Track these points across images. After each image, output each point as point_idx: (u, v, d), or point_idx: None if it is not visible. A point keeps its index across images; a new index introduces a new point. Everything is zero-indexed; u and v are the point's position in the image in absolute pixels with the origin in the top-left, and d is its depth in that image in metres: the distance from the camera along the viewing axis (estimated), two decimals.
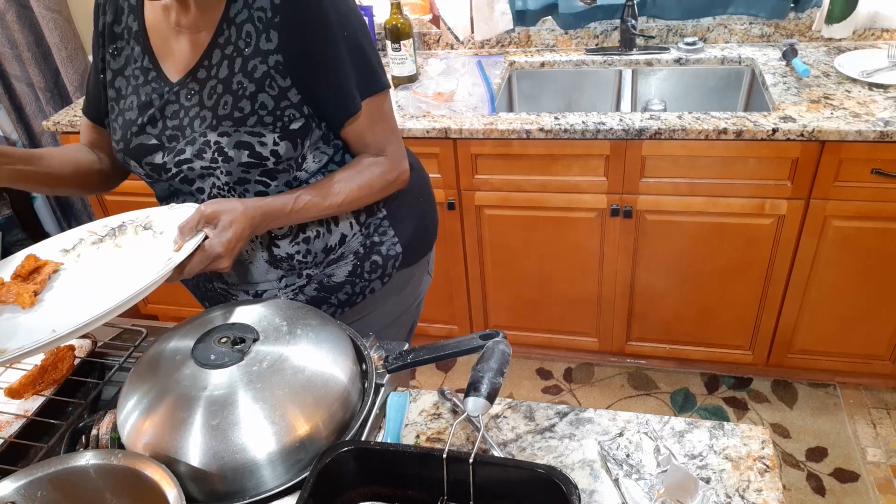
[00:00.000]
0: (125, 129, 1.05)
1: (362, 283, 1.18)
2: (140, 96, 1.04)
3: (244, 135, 0.98)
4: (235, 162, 0.99)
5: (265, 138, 0.99)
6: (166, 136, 1.03)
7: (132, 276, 0.89)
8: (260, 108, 0.98)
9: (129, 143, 1.05)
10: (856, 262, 1.88)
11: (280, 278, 1.13)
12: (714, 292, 2.04)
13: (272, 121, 0.99)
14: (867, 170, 1.73)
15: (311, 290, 1.15)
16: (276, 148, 0.99)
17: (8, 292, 0.90)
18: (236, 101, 0.98)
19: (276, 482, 0.79)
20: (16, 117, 2.82)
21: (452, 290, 2.26)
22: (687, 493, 0.80)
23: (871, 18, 2.09)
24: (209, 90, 1.00)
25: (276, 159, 1.00)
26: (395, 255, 1.20)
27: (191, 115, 1.01)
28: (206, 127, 1.00)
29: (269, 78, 0.98)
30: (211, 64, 0.99)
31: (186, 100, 1.01)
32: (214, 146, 0.99)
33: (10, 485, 0.76)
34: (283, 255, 1.10)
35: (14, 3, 2.50)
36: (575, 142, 1.85)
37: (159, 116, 1.03)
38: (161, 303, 2.62)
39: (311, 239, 1.11)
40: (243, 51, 0.98)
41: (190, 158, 1.02)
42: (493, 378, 0.82)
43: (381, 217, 1.18)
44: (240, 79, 0.98)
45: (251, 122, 0.98)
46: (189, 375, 0.81)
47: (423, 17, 2.35)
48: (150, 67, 1.03)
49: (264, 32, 0.96)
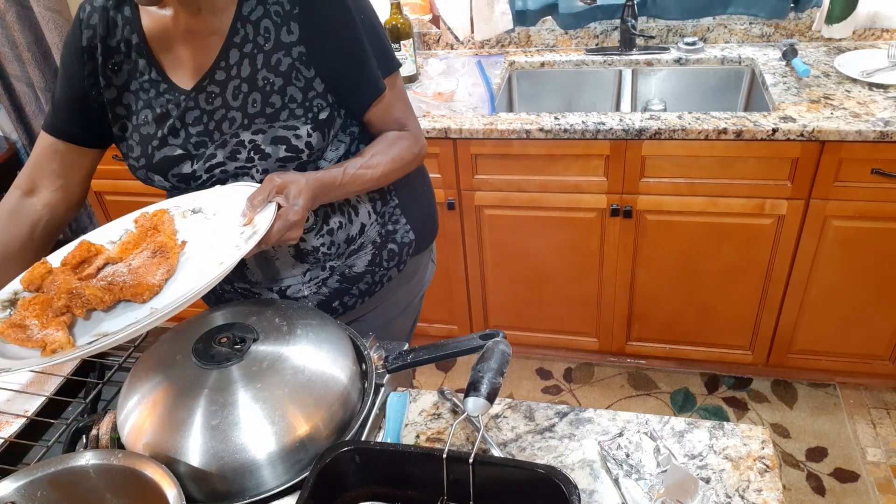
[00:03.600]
0: (144, 144, 1.03)
1: (381, 272, 1.19)
2: (155, 109, 1.02)
3: (279, 129, 0.99)
4: (273, 158, 1.00)
5: (299, 130, 0.99)
6: (192, 144, 1.01)
7: (205, 256, 0.87)
8: (290, 101, 0.99)
9: (153, 157, 1.02)
10: (856, 262, 1.88)
11: (305, 272, 1.13)
12: (714, 292, 2.04)
13: (303, 112, 1.00)
14: (867, 170, 1.73)
15: (333, 283, 1.15)
16: (310, 139, 1.00)
17: (52, 283, 0.87)
18: (266, 98, 0.99)
19: (276, 482, 0.79)
20: (16, 117, 2.82)
21: (452, 290, 2.26)
22: (687, 493, 0.80)
23: (871, 18, 2.09)
24: (233, 91, 0.99)
25: (309, 151, 1.01)
26: (409, 242, 1.22)
27: (216, 119, 1.00)
28: (238, 127, 1.00)
29: (294, 70, 0.98)
30: (229, 64, 0.99)
31: (207, 104, 1.00)
32: (250, 145, 0.99)
33: (10, 485, 0.76)
34: (309, 249, 1.11)
35: (14, 3, 2.50)
36: (575, 142, 1.85)
37: (180, 126, 1.01)
38: None
39: (335, 230, 1.11)
40: (263, 46, 0.98)
41: (223, 161, 1.01)
42: (493, 378, 0.82)
43: (393, 205, 1.19)
44: (265, 74, 0.98)
45: (284, 116, 0.99)
46: (189, 375, 0.81)
47: (423, 17, 2.35)
48: (158, 79, 1.01)
49: (284, 25, 0.97)
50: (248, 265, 1.11)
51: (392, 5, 2.08)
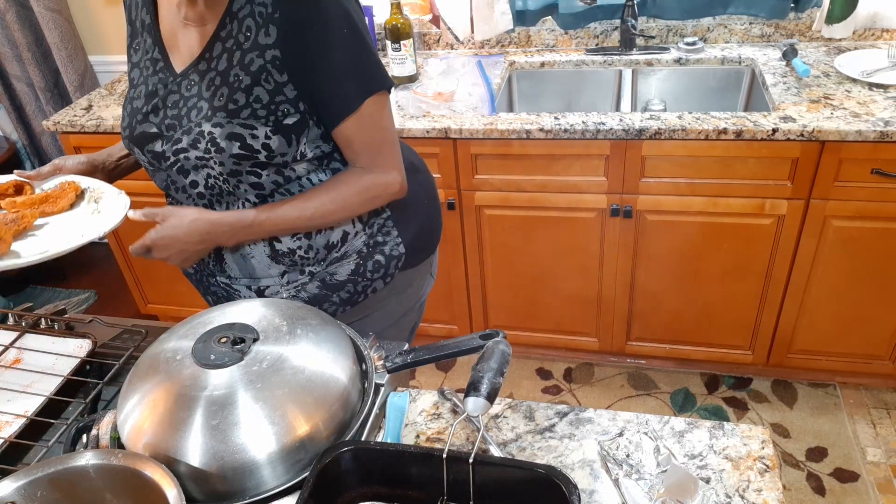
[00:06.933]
0: (132, 116, 1.09)
1: (364, 283, 1.18)
2: (148, 86, 1.07)
3: (236, 126, 1.00)
4: (227, 153, 1.01)
5: (257, 131, 1.00)
6: (165, 126, 1.06)
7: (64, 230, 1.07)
8: (254, 101, 1.00)
9: (134, 130, 1.08)
10: (856, 262, 1.88)
11: (282, 274, 1.14)
12: (714, 292, 2.04)
13: (265, 115, 1.00)
14: (867, 170, 1.73)
15: (313, 288, 1.16)
16: (268, 142, 1.01)
17: None
18: (231, 93, 1.00)
19: (276, 482, 0.79)
20: (16, 117, 2.82)
21: (452, 290, 2.26)
22: (687, 493, 0.80)
23: (871, 18, 2.09)
24: (208, 82, 1.02)
25: (267, 153, 1.01)
26: (399, 256, 1.20)
27: (189, 106, 1.03)
28: (202, 118, 1.02)
29: (265, 72, 0.99)
30: (212, 56, 1.01)
31: (187, 90, 1.04)
32: (208, 136, 1.01)
33: (10, 485, 0.76)
34: (284, 251, 1.11)
35: (14, 3, 2.50)
36: (575, 142, 1.85)
37: (161, 106, 1.06)
38: (161, 303, 2.62)
39: (313, 234, 1.12)
40: (243, 45, 0.99)
41: (185, 148, 1.03)
42: (493, 378, 0.82)
43: (385, 217, 1.18)
44: (237, 71, 1.00)
45: (244, 115, 1.00)
46: (189, 375, 0.81)
47: (423, 17, 2.35)
48: (158, 58, 1.07)
49: (264, 27, 0.98)
50: (226, 259, 1.14)
51: (392, 5, 2.08)
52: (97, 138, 2.16)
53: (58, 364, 1.06)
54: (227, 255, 1.14)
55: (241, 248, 1.12)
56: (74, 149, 2.23)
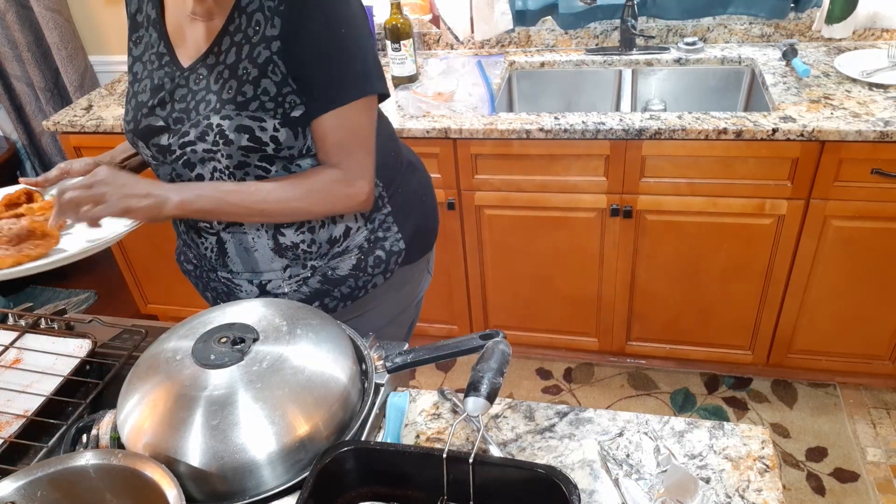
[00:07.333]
0: (137, 110, 1.09)
1: (365, 277, 1.19)
2: (153, 79, 1.08)
3: (245, 119, 1.00)
4: (235, 145, 1.01)
5: (265, 123, 1.01)
6: (172, 119, 1.06)
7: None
8: (262, 93, 1.00)
9: (139, 123, 1.09)
10: (856, 262, 1.88)
11: (285, 268, 1.15)
12: (714, 292, 2.04)
13: (273, 107, 1.01)
14: (867, 170, 1.73)
15: (314, 283, 1.16)
16: (276, 134, 1.01)
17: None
18: (240, 86, 1.01)
19: (276, 482, 0.79)
20: (16, 117, 2.82)
21: (452, 290, 2.26)
22: (687, 493, 0.80)
23: (871, 18, 2.09)
24: (217, 75, 1.03)
25: (275, 145, 1.02)
26: (399, 252, 1.21)
27: (197, 99, 1.04)
28: (210, 110, 1.02)
29: (271, 63, 1.00)
30: (220, 50, 1.02)
31: (195, 84, 1.04)
32: (217, 129, 1.01)
33: (10, 485, 0.76)
34: (288, 244, 1.12)
35: (14, 3, 2.50)
36: (575, 142, 1.85)
37: (168, 99, 1.06)
38: (161, 303, 2.62)
39: (316, 229, 1.12)
40: (252, 38, 1.00)
41: (193, 141, 1.04)
42: (493, 378, 0.82)
43: (385, 213, 1.19)
44: (245, 64, 1.01)
45: (253, 107, 1.01)
46: (189, 375, 0.81)
47: (423, 17, 2.35)
48: (164, 52, 1.07)
49: (270, 20, 0.99)
50: (230, 253, 1.14)
51: (392, 5, 2.08)
52: (97, 138, 2.16)
53: (58, 364, 1.06)
54: (230, 249, 1.14)
55: (244, 241, 1.12)
56: (74, 149, 2.23)
